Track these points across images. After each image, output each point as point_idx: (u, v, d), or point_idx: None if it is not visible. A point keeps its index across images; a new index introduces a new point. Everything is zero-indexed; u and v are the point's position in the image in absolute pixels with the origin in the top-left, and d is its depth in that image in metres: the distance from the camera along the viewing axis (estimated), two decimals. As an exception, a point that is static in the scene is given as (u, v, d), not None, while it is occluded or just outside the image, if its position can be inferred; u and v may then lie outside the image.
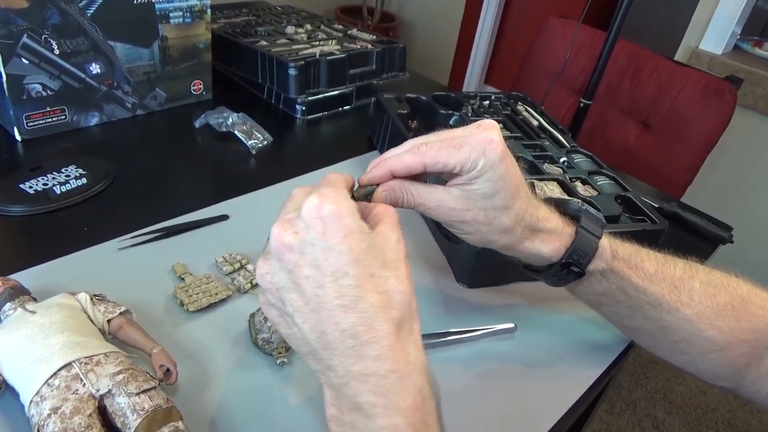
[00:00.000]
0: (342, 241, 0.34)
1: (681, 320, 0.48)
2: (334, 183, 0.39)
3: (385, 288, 0.35)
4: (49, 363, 0.41)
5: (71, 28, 0.76)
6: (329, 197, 0.35)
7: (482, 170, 0.42)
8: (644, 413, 1.72)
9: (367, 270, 0.34)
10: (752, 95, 1.71)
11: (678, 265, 0.50)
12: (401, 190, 0.44)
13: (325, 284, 0.34)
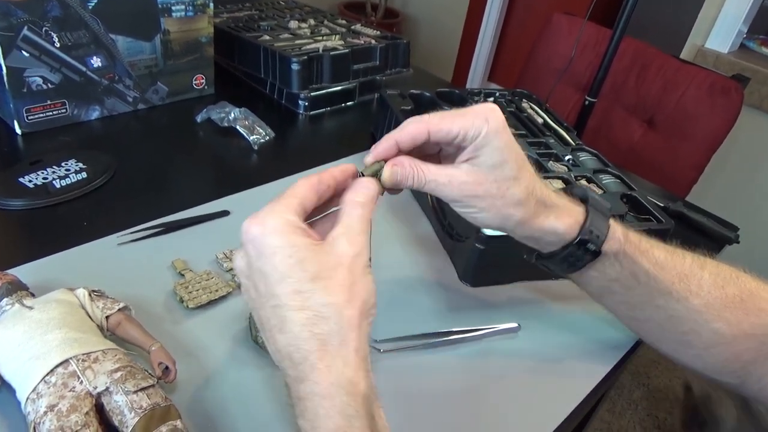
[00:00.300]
0: (267, 261, 0.34)
1: (690, 310, 0.48)
2: (288, 194, 0.37)
3: (310, 303, 0.34)
4: (46, 360, 0.41)
5: (72, 20, 0.76)
6: (257, 218, 0.35)
7: (487, 137, 0.41)
8: (645, 413, 1.71)
9: (293, 286, 0.34)
10: (758, 94, 1.69)
11: (687, 255, 0.49)
12: (411, 166, 0.42)
13: (262, 307, 0.35)
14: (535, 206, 0.45)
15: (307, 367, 0.33)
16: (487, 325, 0.57)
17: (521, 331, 0.58)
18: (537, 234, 0.46)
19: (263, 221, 0.35)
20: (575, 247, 0.46)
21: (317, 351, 0.33)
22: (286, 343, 0.34)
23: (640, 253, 0.48)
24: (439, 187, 0.43)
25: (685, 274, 0.48)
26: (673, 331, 0.50)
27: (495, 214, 0.44)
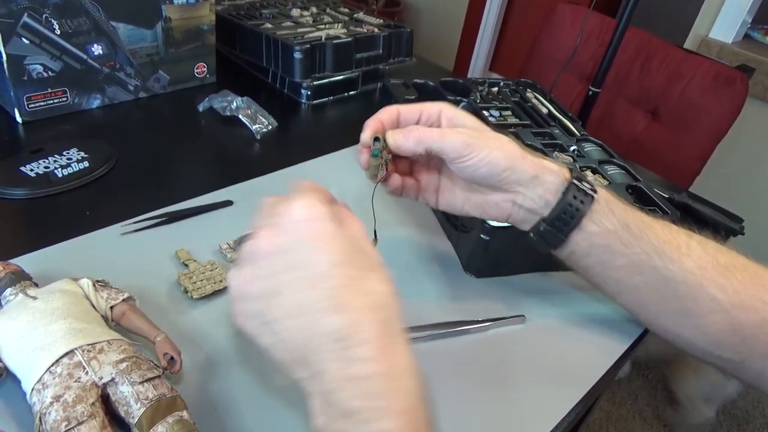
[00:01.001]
0: (326, 243, 0.34)
1: (685, 271, 0.48)
2: (309, 189, 0.38)
3: (369, 289, 0.35)
4: (51, 350, 0.41)
5: (73, 7, 0.75)
6: (309, 202, 0.35)
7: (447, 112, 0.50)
8: (645, 403, 1.72)
9: (352, 272, 0.34)
10: (762, 85, 1.68)
11: (672, 225, 0.50)
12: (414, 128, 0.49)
13: (308, 288, 0.34)
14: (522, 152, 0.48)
15: (370, 350, 0.33)
16: (493, 316, 0.57)
17: (527, 322, 0.58)
18: (538, 171, 0.48)
19: (315, 205, 0.35)
20: (571, 190, 0.48)
21: (381, 336, 0.33)
22: (341, 324, 0.33)
23: (627, 212, 0.49)
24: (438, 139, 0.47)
25: (673, 236, 0.49)
26: (671, 298, 0.49)
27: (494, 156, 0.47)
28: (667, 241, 0.48)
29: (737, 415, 1.73)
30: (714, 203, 0.86)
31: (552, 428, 0.48)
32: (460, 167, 0.48)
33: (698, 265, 0.48)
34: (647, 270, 0.49)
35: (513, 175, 0.48)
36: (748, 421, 1.72)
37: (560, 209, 0.48)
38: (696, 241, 0.49)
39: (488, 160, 0.47)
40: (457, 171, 0.49)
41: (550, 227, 0.49)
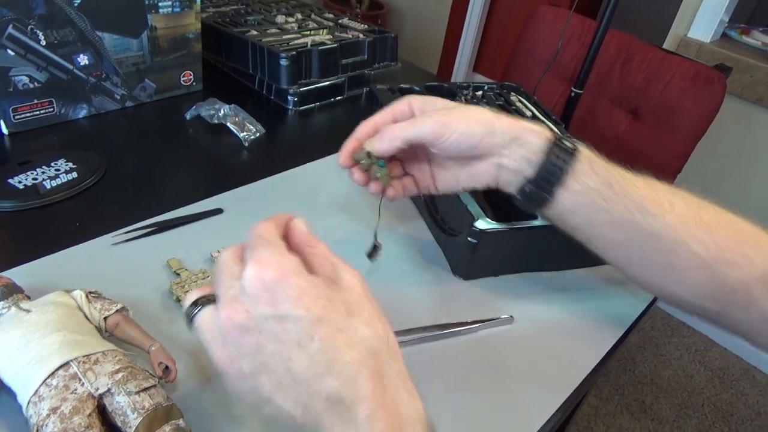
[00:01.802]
0: (296, 305, 0.31)
1: (666, 227, 0.48)
2: (267, 239, 0.35)
3: (357, 339, 0.32)
4: (47, 362, 0.41)
5: (58, 18, 0.75)
6: (267, 262, 0.32)
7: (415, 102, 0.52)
8: (632, 397, 1.74)
9: (333, 326, 0.32)
10: (740, 83, 1.72)
11: (657, 182, 0.51)
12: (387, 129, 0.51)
13: (293, 356, 0.31)
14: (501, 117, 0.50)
15: (370, 406, 0.31)
16: (481, 317, 0.58)
17: (515, 322, 0.59)
18: (520, 134, 0.49)
19: (279, 265, 0.32)
20: (553, 149, 0.49)
21: (379, 387, 0.31)
22: (334, 386, 0.31)
23: (608, 169, 0.50)
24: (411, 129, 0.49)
25: (654, 192, 0.49)
26: (653, 252, 0.50)
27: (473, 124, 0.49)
28: (649, 198, 0.49)
29: (721, 407, 1.77)
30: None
31: (541, 426, 0.50)
32: (443, 147, 0.50)
33: (680, 221, 0.48)
34: (629, 225, 0.50)
35: (493, 139, 0.49)
36: (732, 413, 1.75)
37: (543, 168, 0.49)
38: (680, 198, 0.50)
39: (466, 132, 0.49)
40: (441, 152, 0.51)
41: (535, 187, 0.50)
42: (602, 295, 0.66)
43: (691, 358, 1.93)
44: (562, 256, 0.67)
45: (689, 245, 0.48)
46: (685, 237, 0.48)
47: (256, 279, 0.32)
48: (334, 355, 0.31)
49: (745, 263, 0.47)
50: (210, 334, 0.34)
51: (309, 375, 0.31)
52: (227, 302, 0.33)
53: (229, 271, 0.35)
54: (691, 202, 0.50)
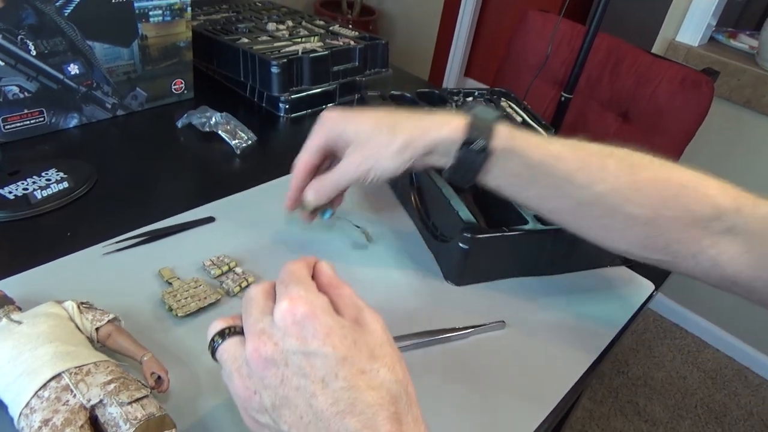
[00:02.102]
0: (324, 342, 0.32)
1: (597, 195, 0.50)
2: (299, 277, 0.37)
3: (378, 381, 0.33)
4: (38, 374, 0.41)
5: (48, 28, 0.75)
6: (301, 298, 0.33)
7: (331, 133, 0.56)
8: (626, 400, 1.75)
9: (357, 366, 0.32)
10: (727, 86, 1.74)
11: (591, 146, 0.52)
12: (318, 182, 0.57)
13: (317, 392, 0.32)
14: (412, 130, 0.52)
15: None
16: (473, 323, 0.59)
17: (507, 327, 0.60)
18: (432, 147, 0.52)
19: (310, 302, 0.33)
20: (464, 149, 0.51)
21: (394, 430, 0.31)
22: (354, 427, 0.31)
23: (531, 146, 0.51)
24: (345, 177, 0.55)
25: (585, 162, 0.50)
26: (588, 217, 0.52)
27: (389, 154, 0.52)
28: (579, 169, 0.50)
29: (714, 408, 1.78)
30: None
31: (533, 430, 0.50)
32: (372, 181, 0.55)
33: (612, 188, 0.50)
34: (560, 196, 0.52)
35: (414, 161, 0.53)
36: (725, 414, 1.76)
37: (459, 164, 0.52)
38: (615, 160, 0.50)
39: (389, 168, 0.53)
40: None
41: (455, 174, 0.53)
42: (593, 299, 0.66)
43: (683, 360, 1.95)
44: (553, 262, 0.68)
45: (624, 208, 0.50)
46: (618, 202, 0.50)
47: (287, 313, 0.33)
48: (357, 394, 0.32)
49: (686, 216, 0.49)
50: (234, 364, 0.35)
51: (331, 412, 0.31)
52: (256, 334, 0.34)
53: (259, 306, 0.36)
54: (625, 162, 0.50)
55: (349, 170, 0.54)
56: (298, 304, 0.33)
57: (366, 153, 0.53)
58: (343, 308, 0.36)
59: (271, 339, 0.33)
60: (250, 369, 0.34)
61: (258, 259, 0.63)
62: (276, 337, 0.33)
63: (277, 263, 0.62)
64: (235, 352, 0.36)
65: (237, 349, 0.36)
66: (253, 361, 0.33)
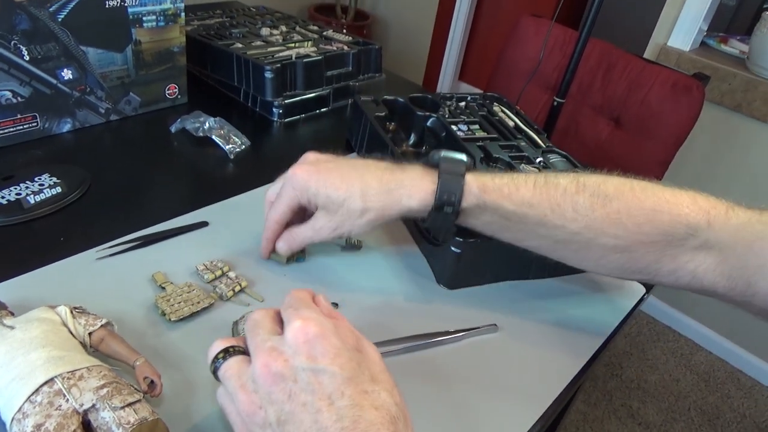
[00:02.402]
0: (333, 361, 0.34)
1: (571, 233, 0.53)
2: (308, 303, 0.39)
3: (380, 402, 0.34)
4: (31, 379, 0.41)
5: (41, 33, 0.75)
6: (313, 320, 0.35)
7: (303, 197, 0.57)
8: (620, 402, 1.76)
9: (361, 387, 0.34)
10: (719, 90, 1.75)
11: (561, 184, 0.53)
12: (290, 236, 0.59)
13: (323, 409, 0.33)
14: (382, 199, 0.54)
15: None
16: (466, 326, 0.59)
17: (499, 331, 0.60)
18: (403, 215, 0.55)
19: (321, 323, 0.35)
20: (435, 214, 0.54)
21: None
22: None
23: (503, 198, 0.53)
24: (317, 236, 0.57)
25: (557, 203, 0.52)
26: (565, 251, 0.55)
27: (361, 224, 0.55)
28: (552, 211, 0.52)
29: (707, 411, 1.79)
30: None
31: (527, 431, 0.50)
32: None
33: (584, 225, 0.52)
34: (535, 237, 0.55)
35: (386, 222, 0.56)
36: (718, 416, 1.77)
37: (432, 225, 0.56)
38: (586, 195, 0.52)
39: (358, 231, 0.56)
40: None
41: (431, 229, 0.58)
42: (585, 302, 0.67)
43: (677, 362, 1.96)
44: (546, 265, 0.68)
45: (598, 241, 0.52)
46: (593, 237, 0.52)
47: (300, 332, 0.34)
48: (361, 412, 0.33)
49: (661, 240, 0.51)
50: (239, 381, 0.36)
51: (335, 429, 0.33)
52: (266, 351, 0.35)
53: (266, 327, 0.38)
54: (599, 195, 0.52)
55: (322, 232, 0.57)
56: (311, 324, 0.35)
57: (338, 220, 0.55)
58: (344, 336, 0.38)
59: (282, 355, 0.34)
60: (256, 384, 0.35)
61: (251, 263, 0.63)
62: (287, 354, 0.34)
63: (270, 268, 0.63)
64: (240, 369, 0.37)
65: (242, 367, 0.37)
66: (261, 376, 0.34)
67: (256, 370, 0.35)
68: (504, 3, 2.80)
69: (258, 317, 0.39)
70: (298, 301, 0.39)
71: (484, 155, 0.79)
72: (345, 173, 0.55)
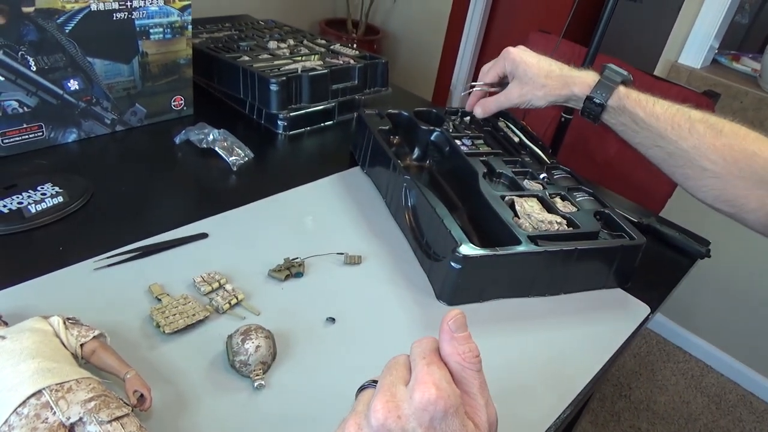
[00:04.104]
0: None
1: (680, 149, 0.66)
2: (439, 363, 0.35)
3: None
4: (18, 391, 0.40)
5: (49, 44, 0.76)
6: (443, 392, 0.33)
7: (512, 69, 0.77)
8: (628, 424, 1.72)
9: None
10: (730, 108, 1.73)
11: (688, 112, 0.67)
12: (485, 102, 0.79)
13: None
14: (557, 82, 0.73)
15: None
16: (464, 345, 0.58)
17: (497, 348, 0.59)
18: (567, 96, 0.73)
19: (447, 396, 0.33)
20: (586, 101, 0.71)
21: None
22: None
23: (639, 106, 0.68)
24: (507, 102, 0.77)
25: (678, 124, 0.66)
26: (673, 165, 0.68)
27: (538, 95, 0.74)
28: (672, 127, 0.66)
29: (719, 434, 1.74)
30: (682, 227, 0.88)
31: (522, 456, 0.49)
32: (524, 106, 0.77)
33: (693, 145, 0.64)
34: (655, 147, 0.69)
35: (554, 102, 0.75)
36: (730, 440, 1.73)
37: (583, 111, 0.73)
38: (705, 125, 0.64)
39: (534, 105, 0.75)
40: None
41: (582, 115, 0.73)
42: (588, 321, 0.66)
43: (687, 384, 1.92)
44: (548, 282, 0.67)
45: (699, 162, 0.64)
46: (697, 157, 0.64)
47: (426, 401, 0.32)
48: None
49: (752, 177, 0.62)
50: (359, 408, 0.35)
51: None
52: (387, 395, 0.33)
53: (400, 372, 0.36)
54: (714, 128, 0.64)
55: (511, 98, 0.76)
56: (441, 398, 0.32)
57: (524, 90, 0.75)
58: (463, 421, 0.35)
59: (398, 410, 0.33)
60: (368, 424, 0.33)
61: (249, 276, 0.63)
62: (404, 411, 0.33)
63: (268, 282, 0.62)
64: (366, 401, 0.36)
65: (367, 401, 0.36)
66: (374, 419, 0.33)
67: (371, 411, 0.33)
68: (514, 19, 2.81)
69: (400, 359, 0.37)
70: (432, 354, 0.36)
71: (487, 170, 0.78)
72: (541, 59, 0.75)
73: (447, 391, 0.33)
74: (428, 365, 0.34)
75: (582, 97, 0.72)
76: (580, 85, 0.72)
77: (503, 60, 0.78)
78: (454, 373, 0.36)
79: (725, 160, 0.63)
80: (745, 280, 1.78)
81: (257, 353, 0.51)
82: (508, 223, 0.66)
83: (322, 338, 0.57)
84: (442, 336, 0.37)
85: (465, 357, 0.36)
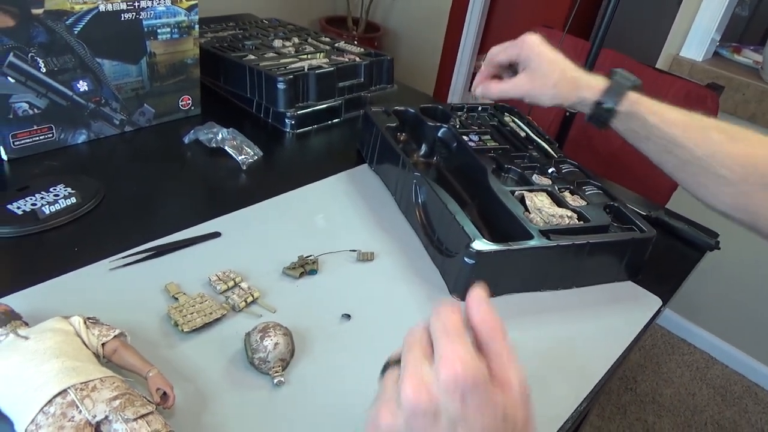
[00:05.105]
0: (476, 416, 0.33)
1: (695, 157, 0.62)
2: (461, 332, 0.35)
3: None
4: (44, 390, 0.41)
5: (58, 46, 0.76)
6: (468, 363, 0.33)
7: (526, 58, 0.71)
8: (634, 417, 1.73)
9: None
10: (732, 101, 1.74)
11: (704, 120, 0.64)
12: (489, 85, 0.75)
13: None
14: (568, 84, 0.70)
15: None
16: (479, 339, 0.58)
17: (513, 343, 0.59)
18: (576, 99, 0.70)
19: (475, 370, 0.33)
20: (596, 106, 0.68)
21: None
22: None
23: (651, 113, 0.65)
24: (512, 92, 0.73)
25: (692, 130, 0.63)
26: (688, 173, 0.65)
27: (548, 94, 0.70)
28: (684, 135, 0.63)
29: (725, 426, 1.75)
30: (690, 219, 0.89)
31: (541, 448, 0.49)
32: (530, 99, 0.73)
33: (708, 153, 0.62)
34: (667, 154, 0.66)
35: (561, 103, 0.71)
36: (736, 430, 1.74)
37: (592, 115, 0.70)
38: (719, 132, 0.62)
39: (540, 101, 0.72)
40: None
41: (590, 120, 0.70)
42: (600, 315, 0.66)
43: (692, 376, 1.92)
44: (560, 276, 0.67)
45: (715, 170, 0.62)
46: (712, 165, 0.62)
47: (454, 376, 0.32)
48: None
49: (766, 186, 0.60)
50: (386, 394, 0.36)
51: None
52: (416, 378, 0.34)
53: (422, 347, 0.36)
54: (728, 134, 0.62)
55: (518, 90, 0.72)
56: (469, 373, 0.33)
57: (534, 86, 0.71)
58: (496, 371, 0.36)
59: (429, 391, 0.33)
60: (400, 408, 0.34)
61: (263, 274, 0.63)
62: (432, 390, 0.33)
63: (283, 279, 0.63)
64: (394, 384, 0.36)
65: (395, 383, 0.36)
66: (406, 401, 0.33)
67: (402, 394, 0.33)
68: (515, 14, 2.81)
69: (418, 334, 0.38)
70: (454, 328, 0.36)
71: (495, 165, 0.78)
72: (558, 57, 0.71)
73: (472, 364, 0.33)
74: (451, 342, 0.34)
75: (591, 101, 0.69)
76: (590, 89, 0.69)
77: (518, 47, 0.72)
78: (483, 342, 0.36)
79: (743, 167, 0.60)
80: (749, 272, 1.78)
81: (276, 350, 0.51)
82: (520, 218, 0.67)
83: (339, 335, 0.57)
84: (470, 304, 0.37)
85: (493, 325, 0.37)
